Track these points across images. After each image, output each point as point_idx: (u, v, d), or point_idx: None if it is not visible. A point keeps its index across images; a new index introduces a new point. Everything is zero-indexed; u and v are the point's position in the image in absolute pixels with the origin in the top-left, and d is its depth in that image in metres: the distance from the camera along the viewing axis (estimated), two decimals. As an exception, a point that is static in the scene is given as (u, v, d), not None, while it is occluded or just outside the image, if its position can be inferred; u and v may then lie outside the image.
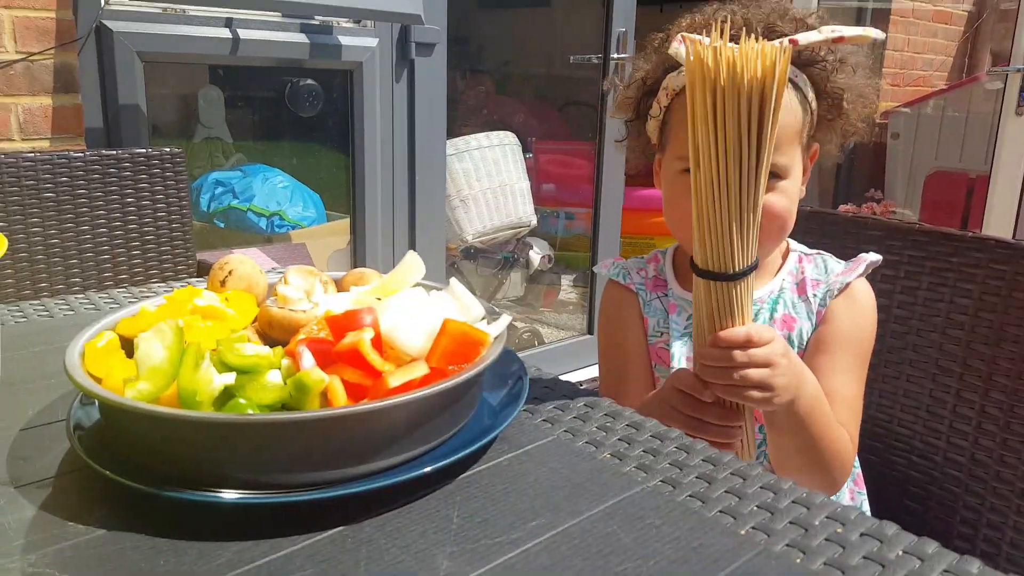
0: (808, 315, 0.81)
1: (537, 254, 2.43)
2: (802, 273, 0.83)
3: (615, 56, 2.30)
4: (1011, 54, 2.62)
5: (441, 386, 0.45)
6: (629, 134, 0.87)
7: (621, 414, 0.57)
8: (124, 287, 1.29)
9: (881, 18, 3.43)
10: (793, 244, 0.86)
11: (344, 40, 1.71)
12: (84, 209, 1.33)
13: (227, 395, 0.46)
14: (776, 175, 0.74)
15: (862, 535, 0.43)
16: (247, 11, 1.60)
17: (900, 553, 0.41)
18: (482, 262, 2.42)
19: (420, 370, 0.46)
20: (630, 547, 0.41)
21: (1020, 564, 0.80)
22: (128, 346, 0.52)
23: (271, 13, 1.63)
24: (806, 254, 0.85)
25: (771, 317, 0.81)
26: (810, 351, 0.79)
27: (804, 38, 0.70)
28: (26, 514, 0.45)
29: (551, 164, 2.87)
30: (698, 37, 0.74)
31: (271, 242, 1.91)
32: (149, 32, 1.54)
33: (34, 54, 1.47)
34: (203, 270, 1.45)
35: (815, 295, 0.81)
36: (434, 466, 0.45)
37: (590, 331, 2.57)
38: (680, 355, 0.81)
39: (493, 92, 3.00)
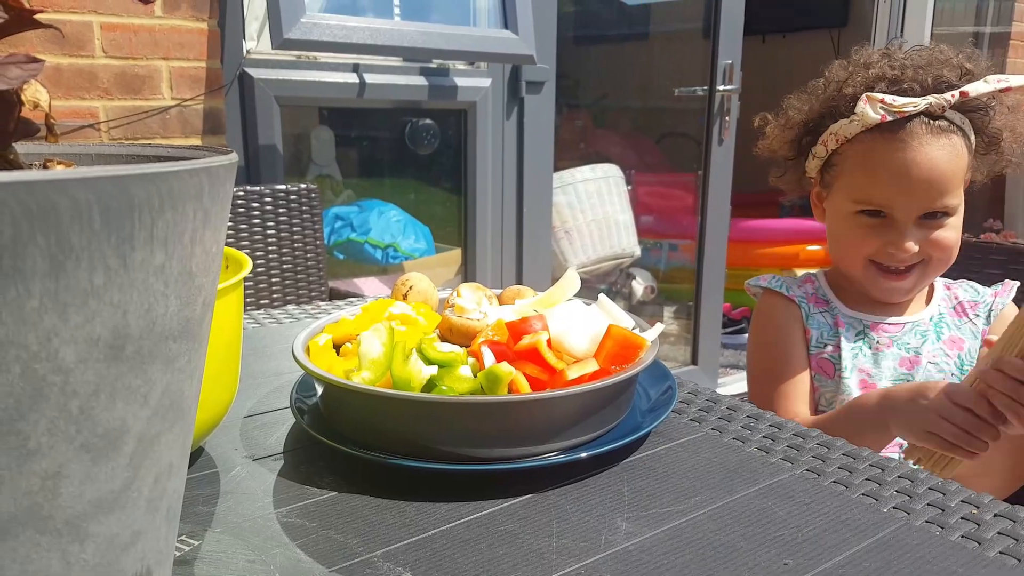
0: (974, 335, 0.91)
1: (640, 284, 2.51)
2: (956, 298, 0.94)
3: (721, 88, 2.38)
4: None
5: (612, 379, 0.54)
6: (787, 169, 0.97)
7: (763, 416, 0.65)
8: (264, 310, 1.45)
9: (999, 43, 3.37)
10: None
11: (460, 81, 1.87)
12: (231, 239, 1.51)
13: (430, 384, 0.57)
14: (946, 213, 0.86)
15: (996, 516, 0.49)
16: (371, 57, 1.78)
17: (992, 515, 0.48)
18: (586, 292, 2.51)
19: (592, 366, 0.56)
20: (784, 519, 0.49)
21: None
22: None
23: (393, 58, 1.81)
24: (948, 283, 0.96)
25: (939, 339, 0.91)
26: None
27: (973, 89, 0.81)
28: (268, 480, 0.56)
29: (651, 196, 2.96)
30: (880, 96, 0.85)
31: (386, 272, 2.06)
32: (285, 78, 1.73)
33: (187, 100, 1.69)
34: (334, 295, 1.60)
35: (976, 315, 0.92)
36: (610, 446, 0.54)
37: (694, 362, 2.62)
38: (852, 367, 0.89)
39: (591, 126, 3.12)
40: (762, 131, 0.98)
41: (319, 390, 0.62)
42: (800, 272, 1.02)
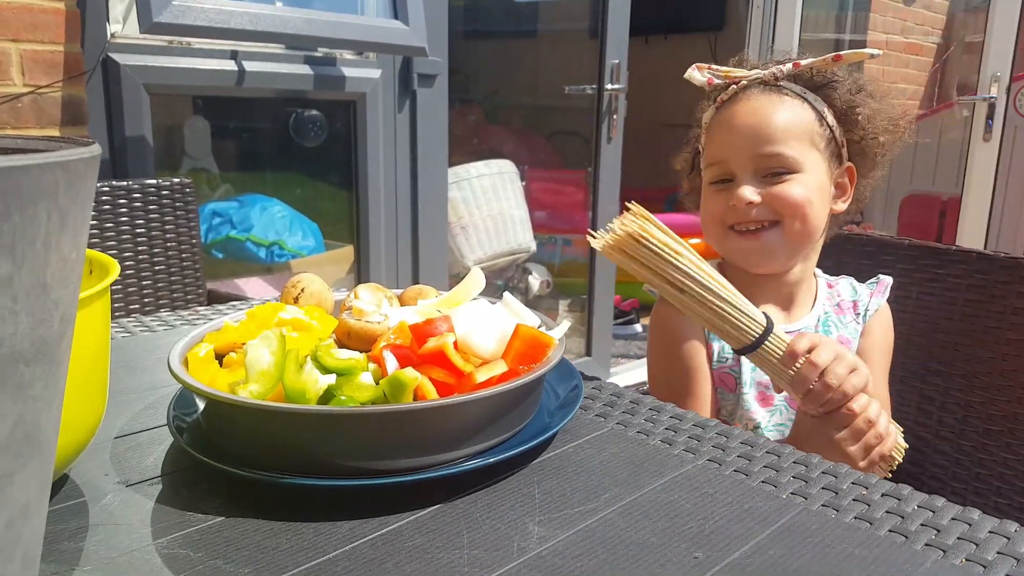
0: (856, 336, 0.93)
1: (536, 279, 2.53)
2: (838, 295, 0.95)
3: (609, 87, 2.43)
4: (977, 84, 2.81)
5: (521, 380, 0.53)
6: (690, 185, 0.98)
7: (664, 408, 0.65)
8: (135, 316, 1.36)
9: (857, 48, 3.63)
10: (818, 271, 0.97)
11: (348, 72, 1.80)
12: (95, 240, 1.39)
13: (328, 395, 0.53)
14: (785, 169, 0.85)
15: (883, 495, 0.51)
16: (251, 43, 1.69)
17: (916, 507, 0.50)
18: (488, 287, 2.51)
19: (501, 367, 0.54)
20: (691, 511, 0.49)
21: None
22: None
23: (275, 45, 1.72)
24: (830, 281, 0.97)
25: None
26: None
27: (807, 61, 0.86)
28: (144, 508, 0.51)
29: (544, 192, 2.98)
30: (705, 65, 0.90)
31: (271, 271, 1.97)
32: (155, 65, 1.62)
33: (42, 87, 1.54)
34: (213, 298, 1.51)
35: (858, 314, 0.94)
36: (519, 449, 0.53)
37: (588, 353, 2.66)
38: (751, 380, 0.89)
39: (483, 121, 3.11)
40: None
41: (200, 406, 0.57)
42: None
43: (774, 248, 0.86)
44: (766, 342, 0.73)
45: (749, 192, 0.84)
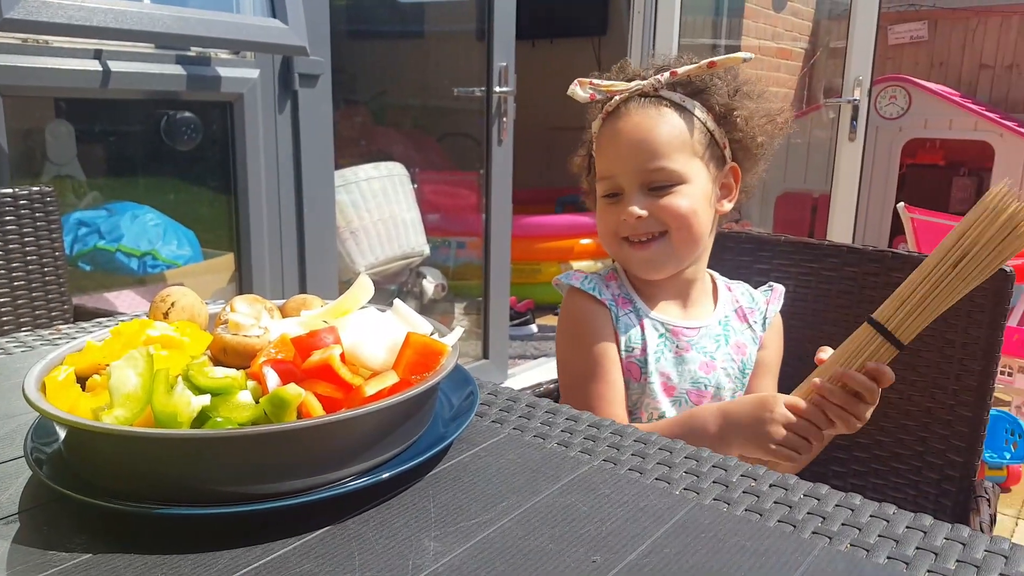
0: (753, 341, 0.98)
1: (431, 283, 2.50)
2: (736, 302, 1.00)
3: (498, 89, 2.43)
4: (842, 87, 3.01)
5: (413, 391, 0.51)
6: (589, 187, 1.01)
7: (559, 410, 0.65)
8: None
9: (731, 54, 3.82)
10: (714, 273, 1.02)
11: (223, 72, 1.72)
12: (-58, 255, 1.26)
13: (202, 417, 0.50)
14: (670, 182, 0.89)
15: (771, 486, 0.53)
16: (117, 43, 1.58)
17: (802, 496, 0.52)
18: (378, 296, 2.46)
19: (391, 378, 0.52)
20: (588, 513, 0.49)
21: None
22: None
23: (144, 45, 1.62)
24: (728, 283, 1.01)
25: (727, 343, 0.96)
26: (756, 374, 0.98)
27: (682, 69, 0.90)
28: (1, 549, 0.46)
29: (436, 194, 2.96)
30: (589, 79, 0.94)
31: (145, 283, 1.86)
32: (8, 65, 1.49)
33: None
34: (80, 314, 1.40)
35: (755, 322, 0.98)
36: (412, 463, 0.51)
37: (485, 356, 2.66)
38: (655, 370, 0.91)
39: (371, 123, 3.06)
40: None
41: (61, 434, 0.52)
42: (578, 265, 1.05)
43: (663, 257, 0.91)
44: (896, 349, 0.79)
45: (637, 208, 0.89)
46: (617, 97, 0.92)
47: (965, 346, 0.90)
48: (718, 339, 0.95)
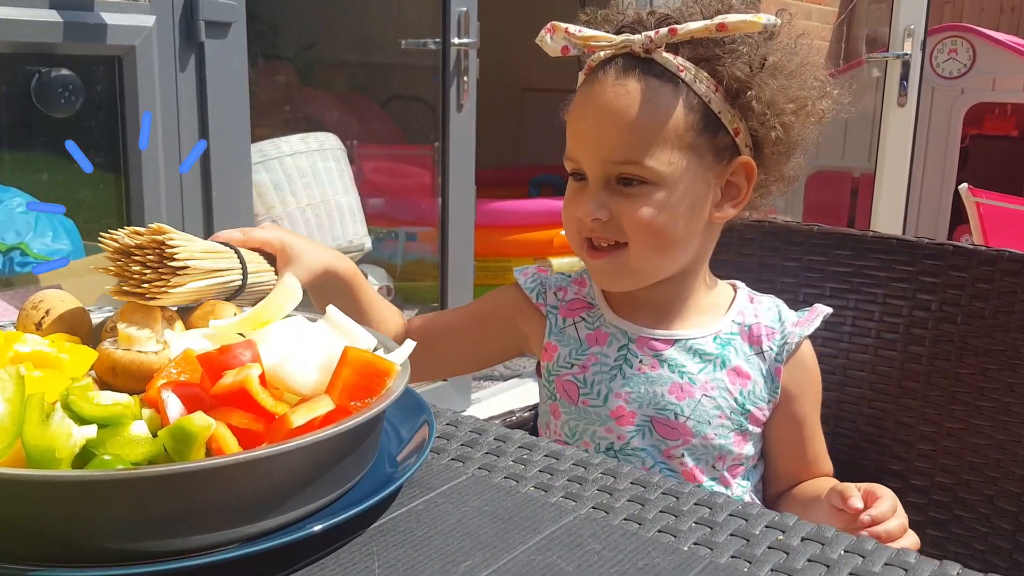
0: (763, 373, 0.94)
1: (373, 285, 2.49)
2: (755, 316, 0.96)
3: (456, 41, 2.44)
4: (889, 39, 3.01)
5: (352, 422, 0.52)
6: None
7: (538, 445, 0.66)
8: None
9: (752, -2, 3.86)
10: (740, 284, 1.00)
11: (109, 18, 1.71)
12: None
13: (86, 454, 0.50)
14: (642, 180, 0.86)
15: (803, 539, 0.54)
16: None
17: (842, 552, 0.53)
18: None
19: (325, 405, 0.53)
20: (574, 575, 0.50)
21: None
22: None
23: (4, -19, 1.60)
24: (755, 295, 0.99)
25: (723, 366, 0.93)
26: (779, 422, 0.95)
27: (685, 28, 0.86)
28: None
29: (380, 173, 2.96)
30: (566, 25, 0.90)
31: (12, 286, 1.84)
32: None
33: None
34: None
35: (770, 348, 0.94)
36: (352, 512, 0.51)
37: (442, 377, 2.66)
38: (608, 391, 0.91)
39: (297, 83, 3.05)
40: None
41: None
42: (558, 262, 1.06)
43: (618, 271, 0.90)
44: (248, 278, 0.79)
45: (594, 207, 0.87)
46: (600, 54, 0.90)
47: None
48: (707, 359, 0.93)
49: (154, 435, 0.51)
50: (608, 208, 0.87)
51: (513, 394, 2.91)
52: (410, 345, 0.61)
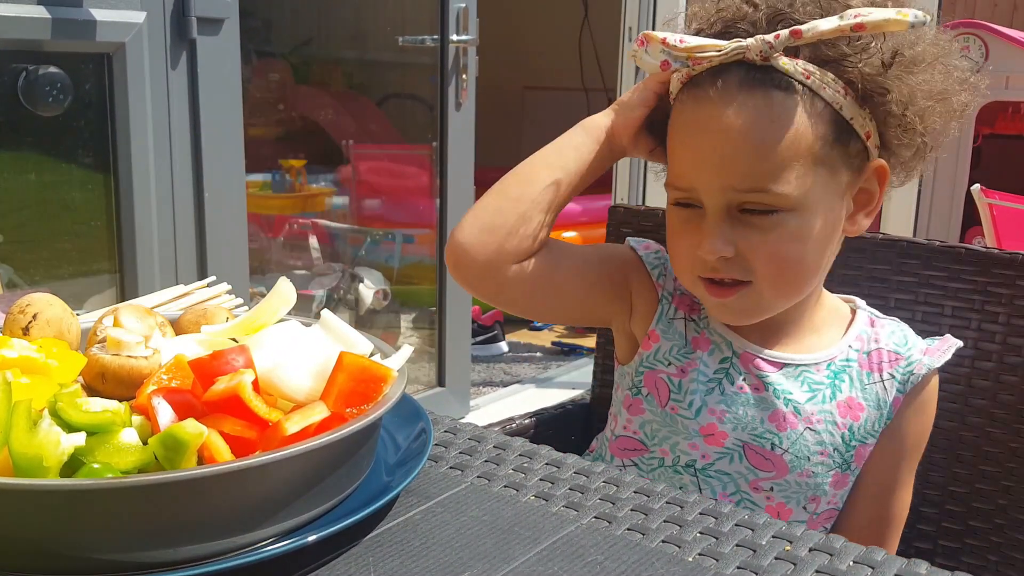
0: (880, 404, 0.88)
1: (369, 289, 2.50)
2: (875, 341, 0.90)
3: (455, 38, 2.44)
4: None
5: (348, 429, 0.52)
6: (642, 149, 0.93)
7: (538, 453, 0.66)
8: None
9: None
10: (860, 303, 0.94)
11: (99, 14, 1.71)
12: None
13: (75, 462, 0.50)
14: (772, 209, 0.78)
15: (811, 550, 0.55)
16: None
17: (851, 563, 0.53)
18: (300, 302, 2.46)
19: (320, 412, 0.53)
20: (576, 587, 0.50)
21: None
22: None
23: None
24: (877, 317, 0.92)
25: (833, 397, 0.87)
26: (877, 457, 0.88)
27: (811, 28, 0.76)
28: None
29: (377, 174, 2.96)
30: (663, 35, 0.81)
31: (-4, 290, 1.84)
32: None
33: None
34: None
35: (892, 375, 0.88)
36: (347, 522, 0.51)
37: (441, 383, 2.66)
38: (702, 404, 0.86)
39: (292, 81, 3.05)
40: None
41: None
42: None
43: (749, 308, 0.84)
44: None
45: (719, 244, 0.79)
46: (705, 64, 0.80)
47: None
48: (818, 387, 0.87)
49: (144, 443, 0.52)
50: (733, 243, 0.79)
51: (512, 401, 2.91)
52: (407, 350, 0.61)
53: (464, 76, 2.50)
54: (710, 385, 0.87)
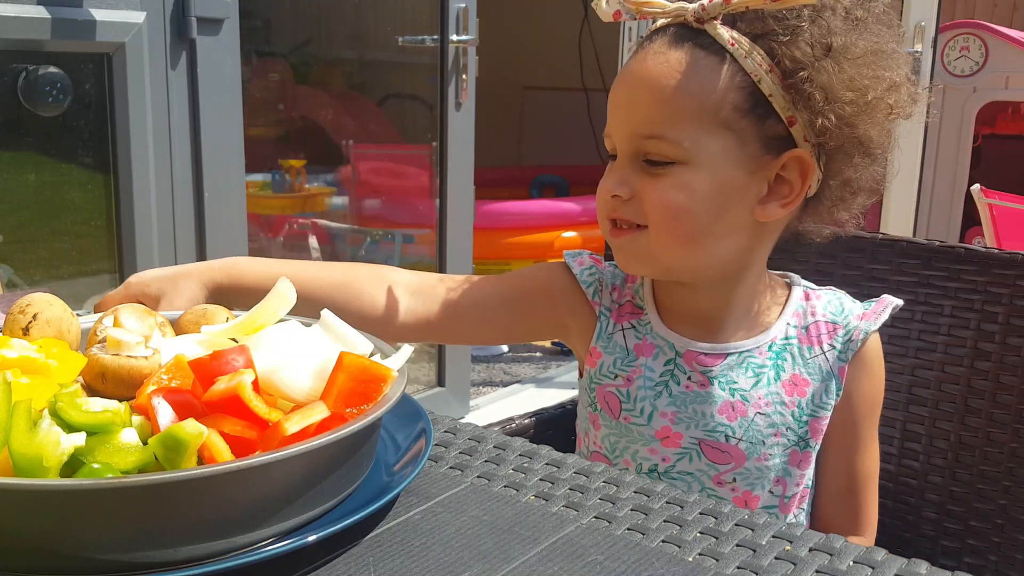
0: (824, 375, 0.89)
1: (368, 290, 2.49)
2: (812, 314, 0.91)
3: (455, 38, 2.44)
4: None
5: (348, 429, 0.52)
6: None
7: (538, 453, 0.66)
8: None
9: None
10: (795, 278, 0.95)
11: (99, 15, 1.71)
12: None
13: (75, 463, 0.50)
14: (669, 159, 0.81)
15: (811, 550, 0.55)
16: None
17: (851, 563, 0.53)
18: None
19: (320, 412, 0.53)
20: (576, 587, 0.50)
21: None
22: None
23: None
24: (812, 290, 0.94)
25: (777, 379, 0.89)
26: (831, 428, 0.90)
27: None
28: None
29: (377, 174, 2.96)
30: None
31: (-5, 291, 1.84)
32: None
33: None
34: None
35: (832, 345, 0.90)
36: (347, 522, 0.51)
37: (440, 383, 2.66)
38: (652, 410, 0.88)
39: (292, 81, 3.05)
40: None
41: None
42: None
43: (636, 254, 0.86)
44: None
45: (615, 183, 0.84)
46: (657, 22, 0.85)
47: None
48: (760, 371, 0.89)
49: (144, 443, 0.52)
50: (629, 186, 0.83)
51: (513, 401, 2.91)
52: (407, 350, 0.61)
53: (464, 76, 2.50)
54: (657, 389, 0.89)
